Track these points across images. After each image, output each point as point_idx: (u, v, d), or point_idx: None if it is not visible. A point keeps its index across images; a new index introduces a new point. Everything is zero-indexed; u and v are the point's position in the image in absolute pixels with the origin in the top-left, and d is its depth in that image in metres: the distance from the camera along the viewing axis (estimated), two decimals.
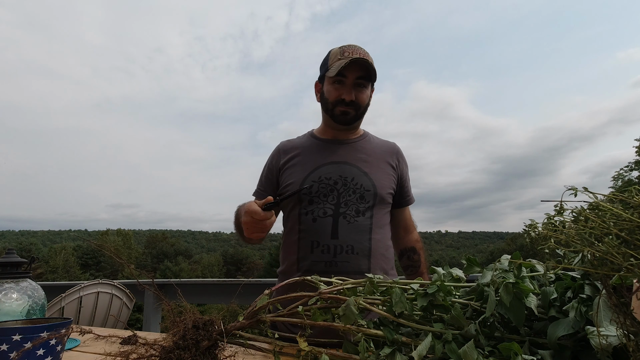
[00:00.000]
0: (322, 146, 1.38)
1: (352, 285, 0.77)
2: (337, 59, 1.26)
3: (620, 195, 0.49)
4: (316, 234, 1.25)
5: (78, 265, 50.25)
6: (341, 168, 1.31)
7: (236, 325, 0.71)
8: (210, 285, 3.06)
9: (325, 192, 1.28)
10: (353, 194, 1.28)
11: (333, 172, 1.30)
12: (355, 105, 1.29)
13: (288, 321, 0.72)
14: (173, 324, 0.68)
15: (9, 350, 0.67)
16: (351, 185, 1.29)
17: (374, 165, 1.34)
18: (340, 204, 1.27)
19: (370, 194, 1.28)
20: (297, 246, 1.28)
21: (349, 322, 0.67)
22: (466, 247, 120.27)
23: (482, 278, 0.68)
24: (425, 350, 0.59)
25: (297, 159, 1.37)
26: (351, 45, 1.29)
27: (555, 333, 0.56)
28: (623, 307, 0.49)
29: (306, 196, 1.29)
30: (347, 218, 1.25)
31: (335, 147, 1.37)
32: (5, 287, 0.98)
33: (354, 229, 1.24)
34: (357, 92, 1.28)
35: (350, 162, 1.33)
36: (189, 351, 0.63)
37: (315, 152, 1.36)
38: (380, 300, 0.72)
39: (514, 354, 0.54)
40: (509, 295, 0.61)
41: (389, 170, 1.37)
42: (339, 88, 1.28)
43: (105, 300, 2.21)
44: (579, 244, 0.48)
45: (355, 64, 1.24)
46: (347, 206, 1.27)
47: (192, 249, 79.67)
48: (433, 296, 0.69)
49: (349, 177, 1.30)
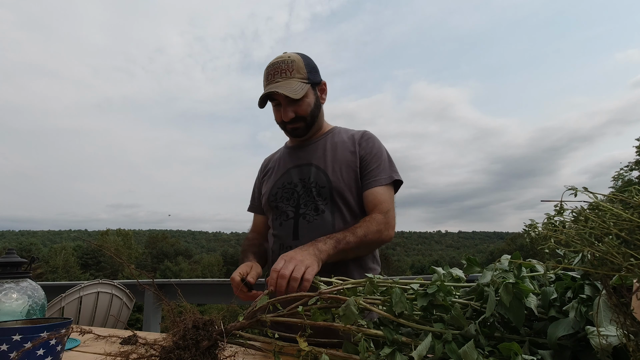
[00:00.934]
0: (288, 153, 1.45)
1: (352, 285, 0.77)
2: (264, 86, 1.30)
3: (620, 195, 0.49)
4: (282, 237, 1.31)
5: (78, 265, 50.26)
6: (301, 170, 1.36)
7: (236, 326, 0.72)
8: (210, 285, 3.06)
9: (287, 196, 1.34)
10: (311, 193, 1.30)
11: (295, 176, 1.36)
12: (299, 119, 1.31)
13: (288, 321, 0.72)
14: (173, 324, 0.68)
15: (9, 350, 0.67)
16: (308, 185, 1.32)
17: (332, 160, 1.34)
18: (299, 205, 1.31)
19: (326, 190, 1.29)
20: (272, 250, 1.36)
21: (349, 322, 0.67)
22: (466, 247, 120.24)
23: (482, 278, 0.68)
24: (425, 350, 0.59)
25: (270, 171, 1.48)
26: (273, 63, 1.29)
27: (555, 333, 0.57)
28: (623, 307, 0.49)
29: (273, 204, 1.37)
30: (306, 218, 1.29)
31: (298, 151, 1.42)
32: (5, 287, 0.98)
33: (314, 227, 1.26)
34: (295, 107, 1.29)
35: (309, 162, 1.36)
36: (189, 351, 0.63)
37: (284, 161, 1.44)
38: (380, 300, 0.73)
39: (514, 354, 0.54)
40: (508, 295, 0.61)
41: (348, 160, 1.33)
42: (278, 110, 1.31)
43: (105, 301, 2.21)
44: (579, 244, 0.48)
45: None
46: (307, 206, 1.30)
47: (192, 249, 79.67)
48: (433, 296, 0.69)
49: (306, 177, 1.33)
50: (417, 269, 61.74)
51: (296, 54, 1.33)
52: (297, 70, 1.28)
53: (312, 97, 1.33)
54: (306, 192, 1.32)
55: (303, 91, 1.26)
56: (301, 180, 1.34)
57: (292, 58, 1.29)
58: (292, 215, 1.31)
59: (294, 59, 1.29)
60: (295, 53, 1.34)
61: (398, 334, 0.66)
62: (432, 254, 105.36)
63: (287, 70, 1.27)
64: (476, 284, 0.71)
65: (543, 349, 0.59)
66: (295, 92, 1.24)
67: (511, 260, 0.70)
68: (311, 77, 1.31)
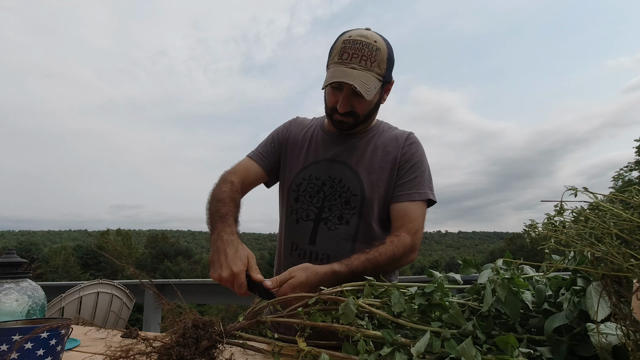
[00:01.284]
0: (323, 140, 1.27)
1: (352, 287, 0.77)
2: (334, 61, 1.10)
3: (621, 196, 0.49)
4: (296, 236, 1.20)
5: (78, 265, 50.24)
6: (332, 167, 1.21)
7: (236, 326, 0.72)
8: (210, 285, 3.06)
9: (312, 192, 1.20)
10: (339, 197, 1.17)
11: (323, 172, 1.21)
12: (352, 115, 1.15)
13: (288, 322, 0.72)
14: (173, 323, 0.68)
15: (9, 350, 0.66)
16: (338, 188, 1.18)
17: (370, 165, 1.19)
18: (324, 207, 1.18)
19: (357, 199, 1.16)
20: (282, 244, 1.26)
21: (347, 320, 0.67)
22: (466, 247, 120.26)
23: (480, 278, 0.69)
24: (424, 347, 0.59)
25: (297, 148, 1.29)
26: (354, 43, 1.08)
27: (551, 326, 0.57)
28: (623, 307, 0.49)
29: (294, 192, 1.22)
30: (328, 224, 1.17)
31: (335, 143, 1.25)
32: (5, 287, 0.98)
33: (334, 236, 1.16)
34: (355, 102, 1.12)
35: (343, 161, 1.21)
36: (188, 349, 0.63)
37: (315, 146, 1.26)
38: (379, 301, 0.73)
39: (511, 347, 0.55)
40: (504, 290, 0.62)
41: (385, 168, 1.19)
42: (337, 94, 1.13)
43: (105, 301, 2.21)
44: (579, 244, 0.48)
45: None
46: (331, 211, 1.17)
47: (192, 249, 79.64)
48: (431, 295, 0.69)
49: (337, 178, 1.19)
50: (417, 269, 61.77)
51: (382, 39, 1.12)
52: (378, 63, 1.09)
53: (377, 97, 1.16)
54: (334, 194, 1.18)
55: (374, 91, 1.09)
56: (331, 178, 1.19)
57: (379, 45, 1.09)
58: (312, 217, 1.18)
59: (379, 46, 1.09)
60: (382, 38, 1.13)
61: (397, 334, 0.67)
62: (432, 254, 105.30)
63: (369, 59, 1.08)
64: (473, 283, 0.71)
65: (540, 345, 0.60)
66: (368, 92, 1.06)
67: (505, 260, 0.71)
68: (387, 75, 1.14)
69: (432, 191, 1.19)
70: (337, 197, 1.18)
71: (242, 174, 1.24)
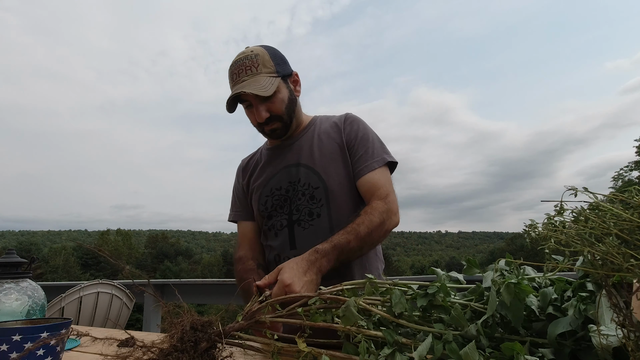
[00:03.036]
0: (271, 155, 1.32)
1: (352, 285, 0.77)
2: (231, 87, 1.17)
3: (621, 196, 0.49)
4: (278, 247, 1.21)
5: (78, 265, 50.26)
6: (288, 173, 1.24)
7: (235, 327, 0.71)
8: (210, 285, 3.06)
9: (280, 203, 1.23)
10: (302, 196, 1.19)
11: (283, 180, 1.24)
12: (275, 118, 1.19)
13: (287, 322, 0.72)
14: (171, 325, 0.67)
15: (9, 350, 0.66)
16: (300, 188, 1.20)
17: (320, 156, 1.22)
18: (292, 211, 1.20)
19: (320, 191, 1.18)
20: (268, 261, 1.26)
21: (349, 323, 0.66)
22: (466, 247, 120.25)
23: (485, 281, 0.68)
24: (426, 351, 0.59)
25: (254, 177, 1.34)
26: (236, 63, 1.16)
27: (554, 331, 0.57)
28: (623, 307, 0.49)
29: (265, 213, 1.25)
30: (301, 224, 1.18)
31: (282, 152, 1.29)
32: (5, 287, 0.98)
33: (310, 234, 1.16)
34: (268, 106, 1.16)
35: (295, 163, 1.24)
36: (187, 353, 0.62)
37: (267, 164, 1.31)
38: (380, 300, 0.72)
39: (516, 354, 0.54)
40: (510, 295, 0.61)
41: (335, 153, 1.22)
42: (252, 112, 1.18)
43: (105, 301, 2.21)
44: (579, 244, 0.48)
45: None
46: (299, 211, 1.19)
47: (192, 249, 79.65)
48: (433, 296, 0.69)
49: (296, 179, 1.22)
50: (417, 269, 61.69)
51: (259, 46, 1.19)
52: (262, 64, 1.15)
53: (285, 91, 1.19)
54: (297, 195, 1.20)
55: (273, 87, 1.13)
56: (291, 183, 1.22)
57: (256, 52, 1.16)
58: (285, 224, 1.20)
59: (257, 52, 1.16)
60: (259, 46, 1.20)
61: (398, 334, 0.66)
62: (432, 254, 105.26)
63: (252, 66, 1.14)
64: (476, 285, 0.71)
65: (543, 349, 0.59)
66: (264, 89, 1.11)
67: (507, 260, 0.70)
68: (280, 69, 1.18)
69: (388, 154, 1.21)
70: (301, 195, 1.19)
71: (243, 240, 1.32)
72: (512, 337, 0.63)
